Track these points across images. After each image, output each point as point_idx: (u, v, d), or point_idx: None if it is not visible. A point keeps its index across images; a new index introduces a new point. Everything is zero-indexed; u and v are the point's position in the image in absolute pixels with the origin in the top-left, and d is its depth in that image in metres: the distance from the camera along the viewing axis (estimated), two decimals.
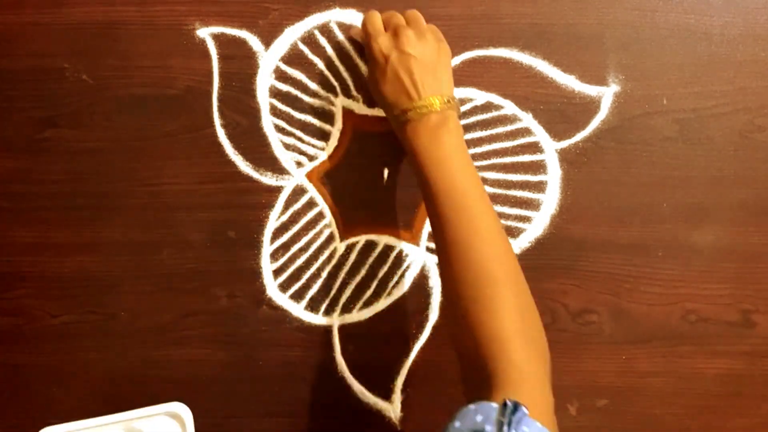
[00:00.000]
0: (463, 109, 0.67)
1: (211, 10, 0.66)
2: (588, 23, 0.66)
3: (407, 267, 0.69)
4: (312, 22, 0.67)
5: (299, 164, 0.68)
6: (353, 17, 0.66)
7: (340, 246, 0.69)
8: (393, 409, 0.69)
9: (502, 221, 0.68)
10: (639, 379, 0.69)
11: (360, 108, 0.68)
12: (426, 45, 0.59)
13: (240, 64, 0.67)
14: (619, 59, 0.66)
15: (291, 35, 0.67)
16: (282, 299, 0.69)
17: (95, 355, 0.70)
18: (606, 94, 0.66)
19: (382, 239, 0.69)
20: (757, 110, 0.66)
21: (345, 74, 0.67)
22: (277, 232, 0.69)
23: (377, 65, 0.59)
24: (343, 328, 0.69)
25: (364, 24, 0.62)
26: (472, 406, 0.45)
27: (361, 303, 0.69)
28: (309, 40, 0.67)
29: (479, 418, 0.43)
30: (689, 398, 0.69)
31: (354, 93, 0.67)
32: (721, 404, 0.69)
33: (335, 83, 0.67)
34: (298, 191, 0.68)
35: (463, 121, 0.67)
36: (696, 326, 0.68)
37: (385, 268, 0.69)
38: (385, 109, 0.62)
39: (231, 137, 0.68)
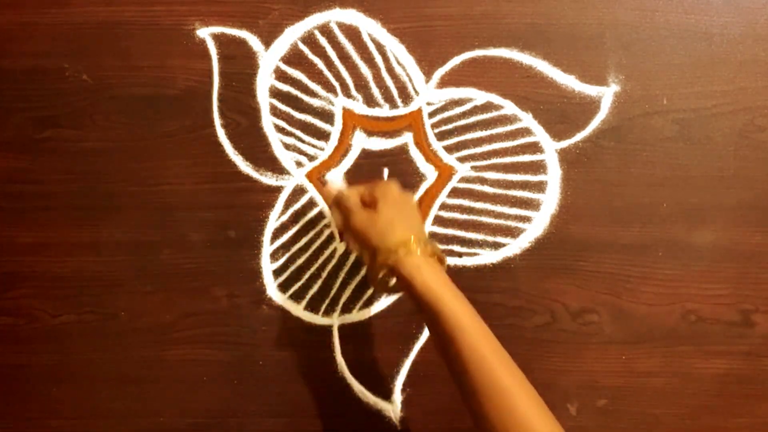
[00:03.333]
0: (463, 109, 0.67)
1: (211, 10, 0.66)
2: (588, 23, 0.66)
3: None
4: (312, 22, 0.67)
5: (299, 164, 0.68)
6: (353, 17, 0.66)
7: (340, 246, 0.69)
8: (393, 408, 0.69)
9: (502, 221, 0.68)
10: (639, 378, 0.69)
11: (360, 108, 0.68)
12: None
13: (240, 64, 0.67)
14: (619, 59, 0.66)
15: (291, 35, 0.67)
16: (282, 299, 0.69)
17: (95, 355, 0.70)
18: (606, 94, 0.66)
19: None
20: (758, 110, 0.66)
21: (345, 74, 0.67)
22: (277, 232, 0.69)
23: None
24: (343, 328, 0.69)
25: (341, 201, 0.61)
26: None
27: (361, 303, 0.69)
28: (309, 40, 0.67)
29: None
30: (689, 398, 0.69)
31: (354, 93, 0.67)
32: (720, 404, 0.69)
33: (335, 83, 0.67)
34: (298, 191, 0.68)
35: (463, 121, 0.67)
36: (696, 326, 0.68)
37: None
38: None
39: (231, 137, 0.67)
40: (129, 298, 0.69)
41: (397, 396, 0.69)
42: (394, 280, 0.57)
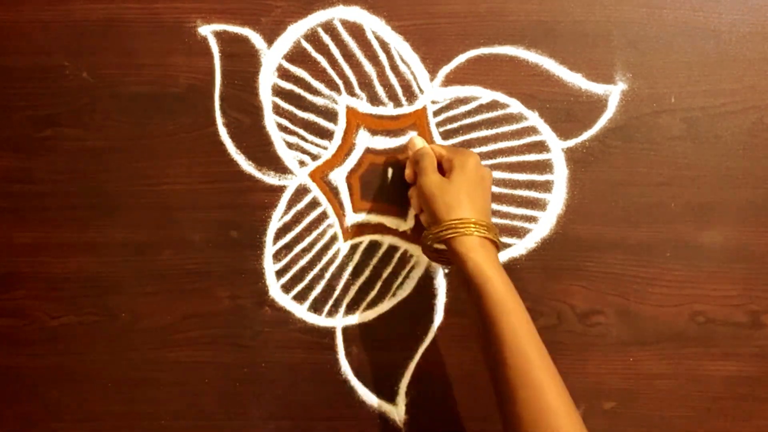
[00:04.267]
0: (468, 107, 0.66)
1: (213, 7, 0.66)
2: (595, 21, 0.65)
3: (412, 267, 0.68)
4: (315, 19, 0.66)
5: (302, 163, 0.68)
6: (357, 14, 0.66)
7: (344, 246, 0.68)
8: (397, 411, 0.69)
9: (508, 221, 0.67)
10: (646, 381, 0.68)
11: (364, 106, 0.67)
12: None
13: (242, 62, 0.66)
14: (626, 57, 0.65)
15: (294, 33, 0.66)
16: (285, 300, 0.68)
17: (95, 356, 0.69)
18: (613, 93, 0.66)
19: (386, 239, 0.68)
20: (766, 108, 0.66)
21: (348, 72, 0.67)
22: (280, 233, 0.68)
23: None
24: (346, 330, 0.69)
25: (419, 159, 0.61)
26: None
27: (365, 304, 0.68)
28: (312, 37, 0.66)
29: None
30: (697, 401, 0.68)
31: (357, 91, 0.67)
32: (729, 407, 0.68)
33: (339, 81, 0.67)
34: (301, 191, 0.68)
35: (469, 120, 0.67)
36: (704, 328, 0.67)
37: (390, 269, 0.68)
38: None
39: (233, 136, 0.67)
40: (129, 299, 0.69)
41: (402, 398, 0.68)
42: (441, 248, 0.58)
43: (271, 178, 0.67)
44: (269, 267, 0.68)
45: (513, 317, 0.52)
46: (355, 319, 0.68)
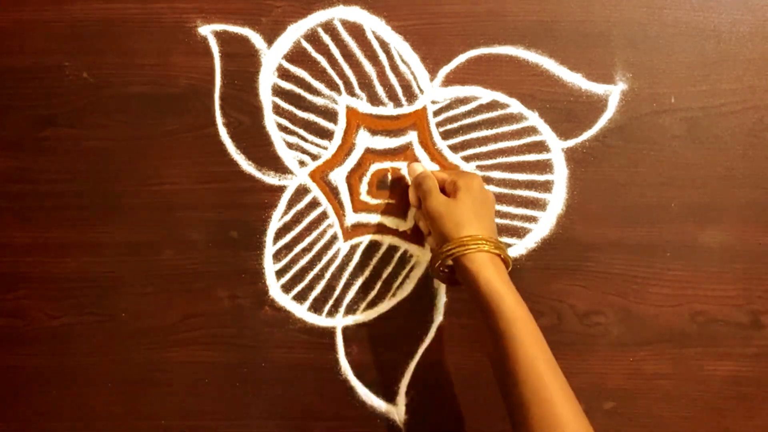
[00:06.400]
0: (468, 107, 0.66)
1: (213, 7, 0.66)
2: (595, 21, 0.65)
3: (412, 267, 0.68)
4: (315, 19, 0.66)
5: (302, 163, 0.68)
6: (357, 14, 0.66)
7: (344, 246, 0.68)
8: (397, 411, 0.68)
9: (508, 221, 0.67)
10: (646, 381, 0.68)
11: (364, 106, 0.67)
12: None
13: (242, 62, 0.66)
14: (626, 57, 0.65)
15: (294, 33, 0.66)
16: (285, 300, 0.68)
17: (95, 356, 0.69)
18: (613, 93, 0.66)
19: (386, 239, 0.68)
20: (766, 108, 0.65)
21: (348, 72, 0.67)
22: (280, 233, 0.68)
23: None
24: (346, 330, 0.69)
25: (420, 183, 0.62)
26: None
27: (365, 304, 0.68)
28: (312, 37, 0.66)
29: None
30: (697, 401, 0.68)
31: (357, 91, 0.67)
32: (729, 407, 0.68)
33: (339, 81, 0.67)
34: (301, 191, 0.68)
35: (469, 120, 0.67)
36: (704, 328, 0.67)
37: (390, 269, 0.68)
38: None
39: (233, 136, 0.67)
40: (129, 299, 0.69)
41: (402, 398, 0.68)
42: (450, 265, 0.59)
43: (271, 178, 0.67)
44: (269, 267, 0.68)
45: (527, 335, 0.52)
46: (355, 319, 0.68)
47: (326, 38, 0.66)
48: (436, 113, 0.67)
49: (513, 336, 0.52)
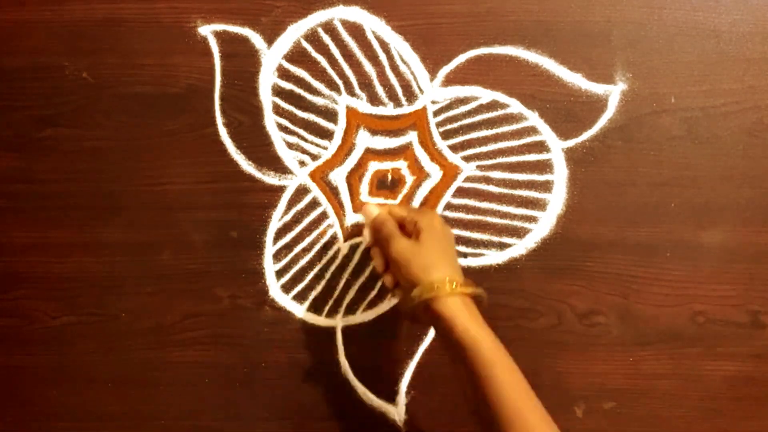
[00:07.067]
0: (468, 107, 0.66)
1: (213, 7, 0.66)
2: (595, 20, 0.65)
3: None
4: (315, 19, 0.66)
5: (302, 163, 0.68)
6: (357, 15, 0.66)
7: (344, 246, 0.68)
8: (397, 411, 0.68)
9: (508, 221, 0.67)
10: (646, 381, 0.68)
11: (364, 106, 0.67)
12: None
13: (242, 62, 0.66)
14: (626, 57, 0.65)
15: (294, 33, 0.66)
16: (285, 300, 0.68)
17: (95, 357, 0.69)
18: (613, 93, 0.66)
19: None
20: (766, 108, 0.65)
21: (348, 72, 0.67)
22: (280, 233, 0.68)
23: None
24: (346, 330, 0.69)
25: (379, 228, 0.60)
26: None
27: (364, 304, 0.68)
28: (312, 37, 0.66)
29: None
30: (697, 401, 0.68)
31: (357, 91, 0.67)
32: (729, 407, 0.68)
33: (339, 81, 0.67)
34: (301, 191, 0.68)
35: (469, 120, 0.67)
36: (704, 328, 0.67)
37: None
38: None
39: (233, 136, 0.67)
40: (130, 299, 0.69)
41: (402, 398, 0.68)
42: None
43: (271, 178, 0.67)
44: (269, 267, 0.68)
45: (506, 375, 0.52)
46: (355, 319, 0.68)
47: (326, 38, 0.66)
48: (436, 113, 0.67)
49: (492, 377, 0.51)
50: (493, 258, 0.67)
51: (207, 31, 0.66)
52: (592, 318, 0.68)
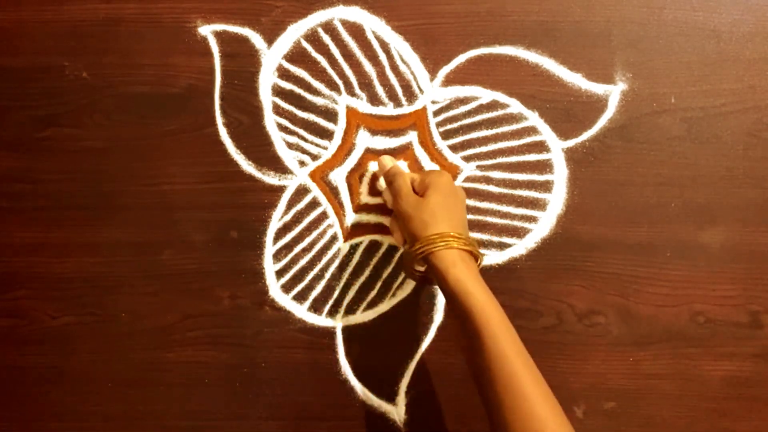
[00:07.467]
0: (468, 107, 0.66)
1: (213, 7, 0.66)
2: (595, 21, 0.65)
3: None
4: (315, 19, 0.66)
5: (302, 163, 0.68)
6: (357, 14, 0.66)
7: (344, 246, 0.68)
8: (397, 411, 0.68)
9: (508, 221, 0.67)
10: (646, 381, 0.68)
11: (364, 106, 0.67)
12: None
13: (242, 62, 0.66)
14: (626, 57, 0.65)
15: (294, 33, 0.66)
16: (285, 300, 0.68)
17: (95, 357, 0.69)
18: (613, 93, 0.66)
19: (386, 239, 0.68)
20: (766, 108, 0.65)
21: (348, 72, 0.67)
22: (280, 233, 0.68)
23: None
24: (346, 330, 0.69)
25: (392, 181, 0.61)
26: None
27: (365, 304, 0.68)
28: (312, 37, 0.66)
29: None
30: (697, 400, 0.68)
31: (357, 91, 0.67)
32: (729, 407, 0.68)
33: (339, 81, 0.67)
34: (301, 191, 0.68)
35: (469, 120, 0.67)
36: (704, 328, 0.67)
37: (390, 269, 0.68)
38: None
39: (233, 136, 0.67)
40: (130, 300, 0.69)
41: (402, 398, 0.68)
42: (423, 268, 0.58)
43: (271, 178, 0.67)
44: (269, 267, 0.68)
45: (496, 328, 0.52)
46: (355, 319, 0.68)
47: (326, 38, 0.66)
48: (436, 113, 0.67)
49: (485, 333, 0.51)
50: (493, 258, 0.67)
51: (207, 31, 0.66)
52: (592, 318, 0.68)
